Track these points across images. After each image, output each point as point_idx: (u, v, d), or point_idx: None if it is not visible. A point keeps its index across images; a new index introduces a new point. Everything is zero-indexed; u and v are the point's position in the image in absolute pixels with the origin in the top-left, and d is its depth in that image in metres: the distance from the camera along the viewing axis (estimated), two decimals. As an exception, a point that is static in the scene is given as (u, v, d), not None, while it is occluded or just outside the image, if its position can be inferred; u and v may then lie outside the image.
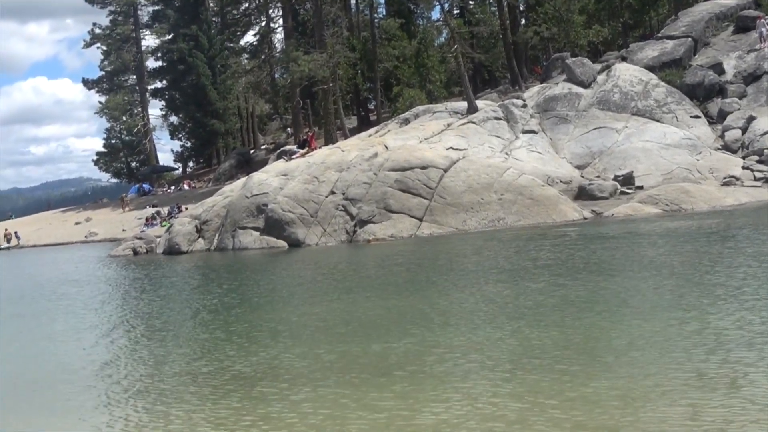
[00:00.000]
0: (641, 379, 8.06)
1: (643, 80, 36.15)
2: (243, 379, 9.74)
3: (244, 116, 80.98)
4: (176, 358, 11.52)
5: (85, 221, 61.30)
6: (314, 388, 8.93)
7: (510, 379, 8.52)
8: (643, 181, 30.47)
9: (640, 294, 12.63)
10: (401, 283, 16.82)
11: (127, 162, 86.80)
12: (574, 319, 11.13)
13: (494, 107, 36.88)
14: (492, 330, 11.02)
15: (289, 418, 8.00)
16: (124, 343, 13.26)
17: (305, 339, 11.93)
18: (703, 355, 8.71)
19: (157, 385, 9.98)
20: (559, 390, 7.95)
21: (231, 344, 12.00)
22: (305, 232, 29.21)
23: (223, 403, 8.73)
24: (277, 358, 10.70)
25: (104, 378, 10.68)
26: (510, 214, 28.06)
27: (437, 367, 9.32)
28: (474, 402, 7.89)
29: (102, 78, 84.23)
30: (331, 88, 52.01)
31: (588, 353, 9.29)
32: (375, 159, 30.82)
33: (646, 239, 20.01)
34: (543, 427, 6.96)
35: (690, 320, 10.32)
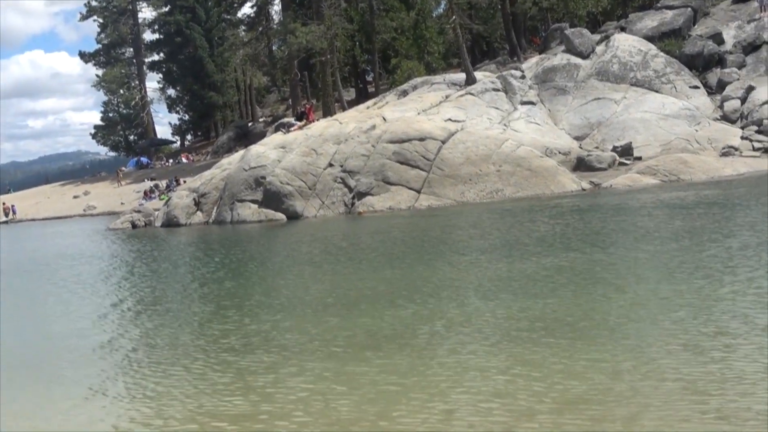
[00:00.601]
0: (629, 351, 8.03)
1: (642, 50, 35.99)
2: (232, 351, 9.72)
3: (241, 89, 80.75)
4: (168, 330, 11.50)
5: (83, 195, 61.24)
6: (301, 360, 8.89)
7: (498, 352, 8.45)
8: (642, 152, 30.41)
9: (637, 265, 12.58)
10: (396, 256, 16.78)
11: (125, 135, 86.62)
12: (567, 291, 11.10)
13: (492, 78, 36.77)
14: (485, 302, 10.98)
15: (274, 391, 7.95)
16: (118, 317, 13.23)
17: (296, 312, 11.89)
18: (696, 326, 8.68)
19: (146, 357, 9.98)
20: (545, 362, 7.88)
21: (222, 317, 11.98)
22: (303, 204, 29.19)
23: (211, 377, 8.71)
24: (267, 330, 10.68)
25: (90, 351, 10.66)
26: (508, 185, 28.02)
27: (426, 339, 9.27)
28: (462, 374, 7.84)
29: (99, 51, 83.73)
30: (329, 59, 51.78)
31: (578, 326, 9.19)
32: (373, 131, 30.74)
33: (643, 211, 19.96)
34: (526, 402, 6.89)
35: (683, 292, 10.30)
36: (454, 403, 7.03)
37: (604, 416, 6.29)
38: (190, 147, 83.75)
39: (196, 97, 75.84)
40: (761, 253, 12.18)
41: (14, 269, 23.12)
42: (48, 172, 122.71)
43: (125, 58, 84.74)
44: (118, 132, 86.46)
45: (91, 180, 71.80)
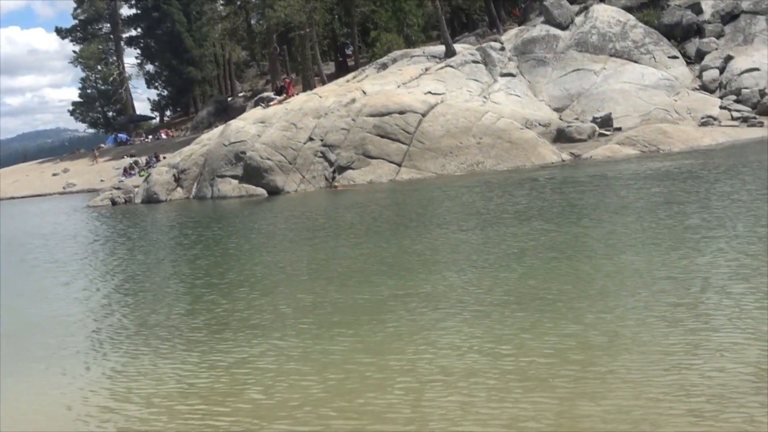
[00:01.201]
0: (604, 325, 8.01)
1: (620, 21, 35.99)
2: (203, 329, 9.64)
3: (220, 63, 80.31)
4: (141, 308, 11.41)
5: (62, 172, 60.86)
6: (270, 338, 8.79)
7: (470, 327, 8.36)
8: (622, 123, 30.49)
9: (613, 237, 12.57)
10: (374, 231, 16.73)
11: (103, 112, 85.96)
12: (543, 264, 11.06)
13: (472, 51, 36.68)
14: (459, 276, 10.94)
15: (240, 370, 7.85)
16: (92, 295, 13.16)
17: (271, 288, 11.84)
18: (671, 298, 8.67)
19: (112, 336, 9.92)
20: (517, 338, 7.81)
21: (196, 295, 11.91)
22: (284, 179, 29.12)
23: (178, 355, 8.65)
24: (240, 309, 10.58)
25: (64, 330, 10.59)
26: (489, 157, 28.04)
27: (398, 315, 9.17)
28: (434, 348, 7.81)
29: (76, 27, 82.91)
30: (308, 33, 51.55)
31: (553, 299, 9.13)
32: (353, 105, 30.65)
33: (621, 182, 20.00)
34: (497, 380, 6.84)
35: (659, 263, 10.31)
36: (421, 381, 6.95)
37: (575, 394, 6.23)
38: (169, 123, 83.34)
39: (174, 72, 75.44)
40: (736, 224, 12.22)
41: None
42: (27, 149, 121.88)
43: (102, 34, 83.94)
44: (96, 109, 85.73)
45: (70, 157, 71.27)
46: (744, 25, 35.10)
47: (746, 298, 8.23)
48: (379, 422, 6.13)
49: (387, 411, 6.32)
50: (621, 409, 5.80)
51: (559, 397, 6.20)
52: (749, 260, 9.77)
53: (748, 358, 6.54)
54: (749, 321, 7.50)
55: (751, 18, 35.14)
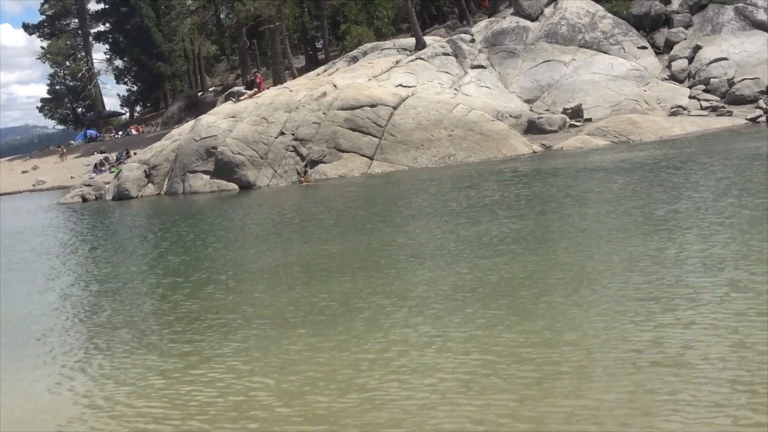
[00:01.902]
0: (570, 320, 8.03)
1: (590, 12, 36.14)
2: (164, 330, 9.56)
3: (190, 58, 79.98)
4: (106, 307, 11.33)
5: (32, 169, 60.38)
6: (227, 340, 8.75)
7: (431, 325, 8.25)
8: (592, 114, 30.63)
9: (580, 230, 12.58)
10: (342, 226, 16.71)
11: (72, 108, 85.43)
12: (510, 257, 11.03)
13: (442, 43, 36.71)
14: (425, 272, 10.88)
15: (196, 372, 7.77)
16: (63, 293, 13.05)
17: (235, 286, 11.76)
18: (636, 292, 8.68)
19: (76, 337, 9.85)
20: (482, 336, 7.74)
21: (160, 294, 11.82)
22: (256, 173, 29.03)
23: (134, 358, 8.60)
24: (203, 308, 10.52)
25: (38, 332, 10.50)
26: (460, 150, 28.07)
27: (359, 313, 9.07)
28: (395, 346, 7.78)
29: (43, 22, 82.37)
30: (278, 27, 51.34)
31: (519, 294, 9.11)
32: (324, 98, 30.58)
33: (590, 172, 20.07)
34: (460, 380, 6.82)
35: (625, 256, 10.34)
36: (379, 382, 6.89)
37: (546, 393, 6.21)
38: (139, 118, 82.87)
39: (144, 67, 75.08)
40: (704, 215, 12.28)
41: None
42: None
43: (70, 29, 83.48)
44: (65, 105, 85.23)
45: (39, 154, 70.73)
46: (712, 15, 35.33)
47: (714, 291, 8.25)
48: (331, 424, 6.07)
49: (341, 413, 6.25)
50: (586, 407, 5.77)
51: (522, 394, 6.16)
52: (718, 250, 9.80)
53: (717, 352, 6.55)
54: (717, 315, 7.51)
55: (719, 8, 35.38)
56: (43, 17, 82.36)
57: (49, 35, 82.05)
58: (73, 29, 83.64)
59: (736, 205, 12.57)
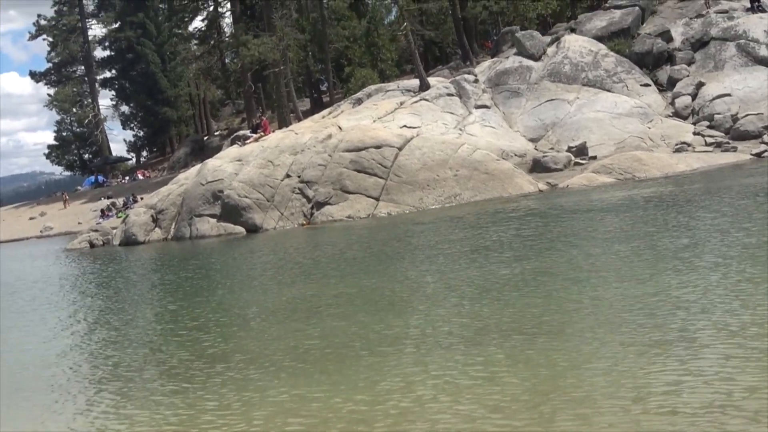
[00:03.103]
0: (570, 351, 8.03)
1: (592, 51, 36.32)
2: (177, 372, 9.63)
3: (196, 103, 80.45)
4: (111, 351, 11.37)
5: (39, 216, 60.58)
6: (227, 382, 8.81)
7: (424, 369, 8.27)
8: (597, 151, 30.66)
9: (586, 268, 12.55)
10: (345, 269, 16.70)
11: (79, 154, 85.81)
12: (512, 298, 11.02)
13: (446, 83, 36.91)
14: (423, 314, 10.89)
15: (217, 413, 7.88)
16: (77, 338, 13.08)
17: (240, 331, 11.79)
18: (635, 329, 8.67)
19: (83, 377, 9.93)
20: (475, 385, 7.74)
21: (166, 337, 11.87)
22: (262, 216, 29.09)
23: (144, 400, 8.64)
24: (222, 345, 10.60)
25: (61, 372, 10.54)
26: (466, 189, 28.11)
27: (353, 357, 9.12)
28: (399, 388, 7.81)
29: (50, 70, 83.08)
30: (283, 70, 51.68)
31: (524, 332, 9.16)
32: (329, 140, 30.72)
33: (598, 211, 20.06)
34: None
35: (626, 295, 10.32)
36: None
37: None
38: (146, 163, 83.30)
39: (150, 113, 75.54)
40: (708, 251, 12.27)
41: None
42: (2, 194, 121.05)
43: (77, 76, 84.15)
44: (72, 151, 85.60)
45: (46, 201, 71.02)
46: (714, 51, 35.46)
47: (718, 328, 8.24)
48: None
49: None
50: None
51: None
52: (719, 289, 9.81)
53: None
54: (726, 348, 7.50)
55: (721, 44, 35.53)
56: (50, 65, 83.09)
57: (55, 82, 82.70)
58: (80, 76, 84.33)
59: (743, 244, 12.57)
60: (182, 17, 75.59)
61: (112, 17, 78.26)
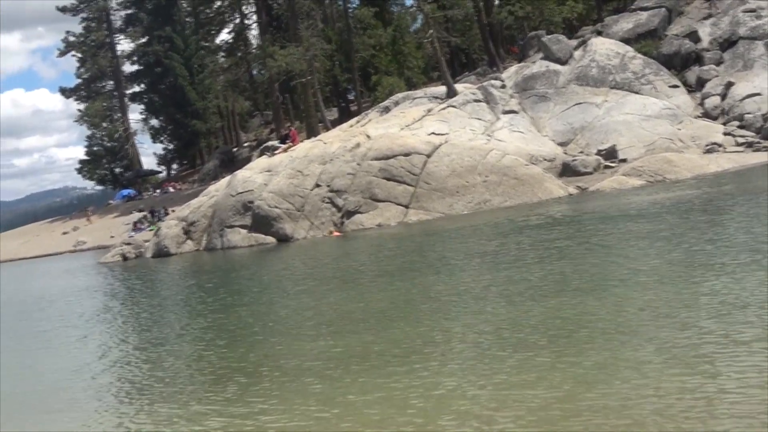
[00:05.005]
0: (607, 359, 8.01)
1: (619, 53, 36.15)
2: (224, 376, 9.77)
3: (224, 115, 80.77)
4: (152, 364, 11.50)
5: (72, 230, 61.08)
6: (270, 390, 8.91)
7: (459, 374, 8.37)
8: (626, 154, 30.52)
9: (619, 272, 12.52)
10: (380, 276, 16.75)
11: (110, 168, 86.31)
12: (543, 303, 11.03)
13: (473, 90, 36.86)
14: (452, 322, 10.93)
15: (262, 417, 7.98)
16: (110, 353, 13.21)
17: (281, 336, 11.88)
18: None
19: (126, 391, 10.04)
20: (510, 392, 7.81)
21: (205, 347, 11.98)
22: (293, 226, 29.20)
23: (190, 408, 8.73)
24: (257, 354, 10.70)
25: (96, 381, 10.67)
26: (496, 195, 28.08)
27: (384, 362, 9.21)
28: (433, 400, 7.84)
29: (79, 86, 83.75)
30: (310, 81, 51.88)
31: (554, 339, 9.17)
32: (358, 149, 30.80)
33: (630, 215, 19.98)
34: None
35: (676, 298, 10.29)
36: None
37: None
38: (176, 176, 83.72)
39: (179, 125, 75.93)
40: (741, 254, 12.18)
41: (10, 310, 23.07)
42: (36, 210, 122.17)
43: (106, 91, 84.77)
44: (103, 165, 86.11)
45: (79, 215, 71.57)
46: (743, 51, 35.21)
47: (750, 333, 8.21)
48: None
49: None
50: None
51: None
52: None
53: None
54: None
55: (750, 44, 35.28)
56: (80, 80, 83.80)
57: (85, 98, 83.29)
58: (109, 91, 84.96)
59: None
60: (209, 30, 76.22)
61: (140, 32, 78.88)
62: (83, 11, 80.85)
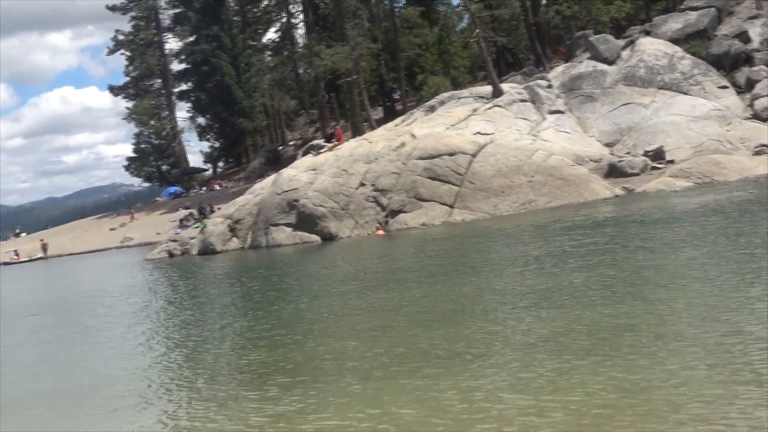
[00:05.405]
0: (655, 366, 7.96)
1: (668, 53, 35.80)
2: (266, 375, 9.86)
3: (270, 113, 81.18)
4: (200, 360, 11.63)
5: (119, 227, 61.83)
6: (319, 388, 8.96)
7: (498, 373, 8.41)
8: (674, 155, 30.21)
9: (668, 273, 12.43)
10: (429, 275, 16.75)
11: (157, 166, 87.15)
12: (596, 305, 11.00)
13: (519, 89, 36.70)
14: (493, 323, 10.91)
15: (303, 414, 8.05)
16: (160, 346, 13.37)
17: (323, 335, 11.92)
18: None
19: (172, 388, 10.17)
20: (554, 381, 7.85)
21: (253, 345, 12.08)
22: (337, 225, 29.29)
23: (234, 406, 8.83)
24: (298, 353, 10.77)
25: (147, 380, 10.81)
26: (541, 195, 27.96)
27: (438, 363, 9.22)
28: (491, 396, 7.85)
29: (128, 84, 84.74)
30: (355, 80, 52.03)
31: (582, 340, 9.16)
32: (403, 148, 30.81)
33: (672, 216, 19.79)
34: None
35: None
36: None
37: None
38: (222, 174, 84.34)
39: (225, 124, 76.45)
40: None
41: (60, 305, 23.43)
42: (84, 206, 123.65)
43: (154, 89, 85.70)
44: (150, 163, 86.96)
45: (125, 212, 72.42)
46: (794, 51, 34.76)
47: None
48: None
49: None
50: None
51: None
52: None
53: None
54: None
55: (801, 44, 34.84)
56: (128, 79, 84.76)
57: (133, 96, 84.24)
58: (157, 89, 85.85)
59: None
60: (256, 29, 76.72)
61: (188, 31, 79.59)
62: (132, 10, 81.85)
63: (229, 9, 76.37)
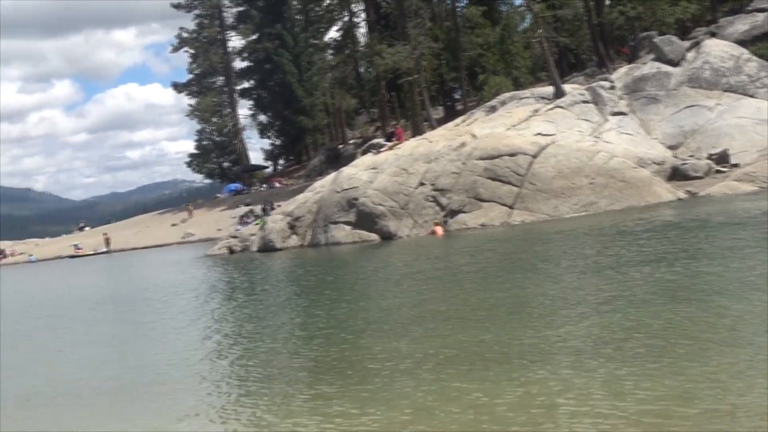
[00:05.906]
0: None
1: (734, 55, 35.26)
2: (318, 373, 9.95)
3: (331, 112, 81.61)
4: (258, 354, 11.76)
5: (181, 222, 62.61)
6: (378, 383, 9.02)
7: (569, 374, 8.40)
8: (739, 159, 29.74)
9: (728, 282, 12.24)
10: (485, 276, 16.70)
11: (219, 162, 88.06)
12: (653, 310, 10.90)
13: (581, 90, 36.40)
14: (551, 327, 10.84)
15: (360, 413, 8.10)
16: (217, 343, 13.52)
17: (378, 335, 11.93)
18: None
19: (228, 384, 10.29)
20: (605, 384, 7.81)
21: (312, 342, 12.16)
22: (396, 224, 29.34)
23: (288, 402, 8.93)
24: (352, 352, 10.83)
25: (193, 375, 10.94)
26: (602, 197, 27.72)
27: (485, 363, 9.23)
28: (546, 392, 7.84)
29: (191, 81, 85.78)
30: (416, 79, 52.08)
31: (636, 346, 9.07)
32: (463, 148, 30.75)
33: (736, 221, 19.44)
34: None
35: None
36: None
37: None
38: (282, 171, 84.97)
39: (286, 121, 77.03)
40: None
41: (129, 298, 23.87)
42: (146, 201, 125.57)
43: (216, 87, 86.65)
44: (212, 159, 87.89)
45: (185, 208, 73.29)
46: None
47: None
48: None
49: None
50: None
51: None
52: None
53: None
54: None
55: None
56: (191, 76, 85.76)
57: (196, 93, 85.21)
58: (219, 87, 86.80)
59: None
60: (318, 28, 77.19)
61: (251, 29, 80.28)
62: (197, 8, 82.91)
63: (292, 8, 76.97)
